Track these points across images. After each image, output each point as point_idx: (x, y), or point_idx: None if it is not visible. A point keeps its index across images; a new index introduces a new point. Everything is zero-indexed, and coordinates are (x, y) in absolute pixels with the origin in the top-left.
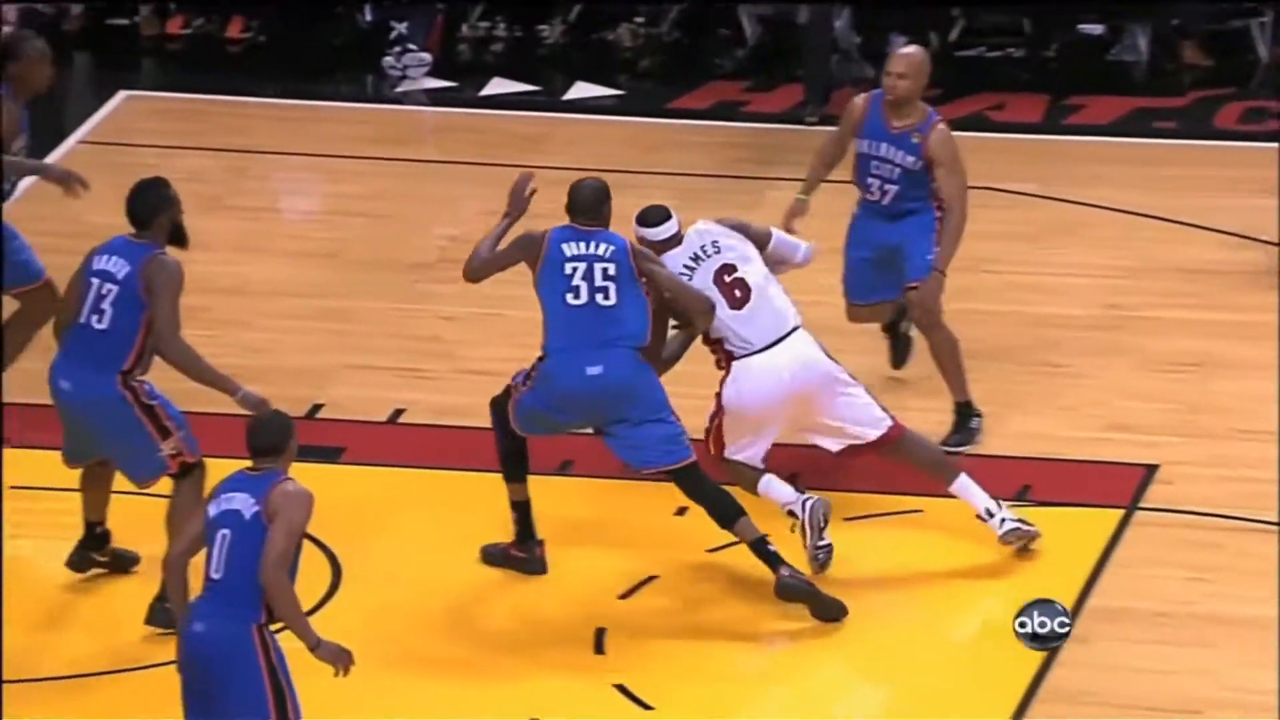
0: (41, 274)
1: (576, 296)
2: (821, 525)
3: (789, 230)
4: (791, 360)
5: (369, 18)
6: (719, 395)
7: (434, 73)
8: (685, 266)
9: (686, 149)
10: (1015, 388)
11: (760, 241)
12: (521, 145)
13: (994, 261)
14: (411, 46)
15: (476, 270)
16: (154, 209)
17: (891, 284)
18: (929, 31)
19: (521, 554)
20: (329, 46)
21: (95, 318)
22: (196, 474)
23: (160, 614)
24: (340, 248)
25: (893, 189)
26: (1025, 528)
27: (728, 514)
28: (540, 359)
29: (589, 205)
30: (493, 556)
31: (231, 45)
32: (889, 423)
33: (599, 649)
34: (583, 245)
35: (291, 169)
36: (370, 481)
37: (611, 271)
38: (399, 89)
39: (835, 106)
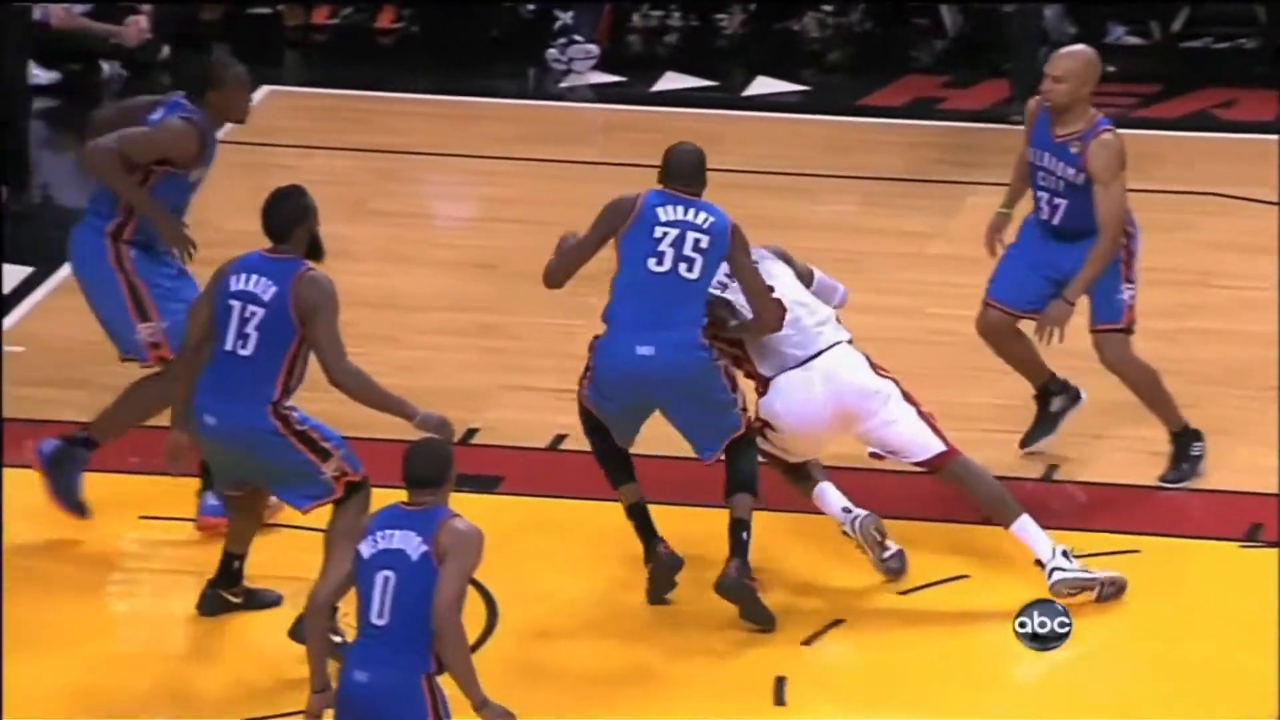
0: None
1: (660, 262)
2: (879, 538)
3: (991, 249)
4: (823, 376)
5: (531, 7)
6: (759, 411)
7: (601, 66)
8: (718, 283)
9: (878, 150)
10: (1242, 415)
11: (801, 279)
12: None
13: (1221, 275)
14: (577, 38)
15: (556, 270)
16: (292, 220)
17: (1040, 298)
18: (1149, 21)
19: (651, 564)
20: (487, 38)
21: (240, 344)
22: (362, 493)
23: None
24: (497, 257)
25: (1060, 204)
26: (1086, 576)
27: (743, 484)
28: (596, 337)
29: (689, 171)
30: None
31: (381, 36)
32: (938, 449)
33: (779, 699)
34: (680, 210)
35: (444, 171)
36: (530, 513)
37: (704, 244)
38: (563, 84)
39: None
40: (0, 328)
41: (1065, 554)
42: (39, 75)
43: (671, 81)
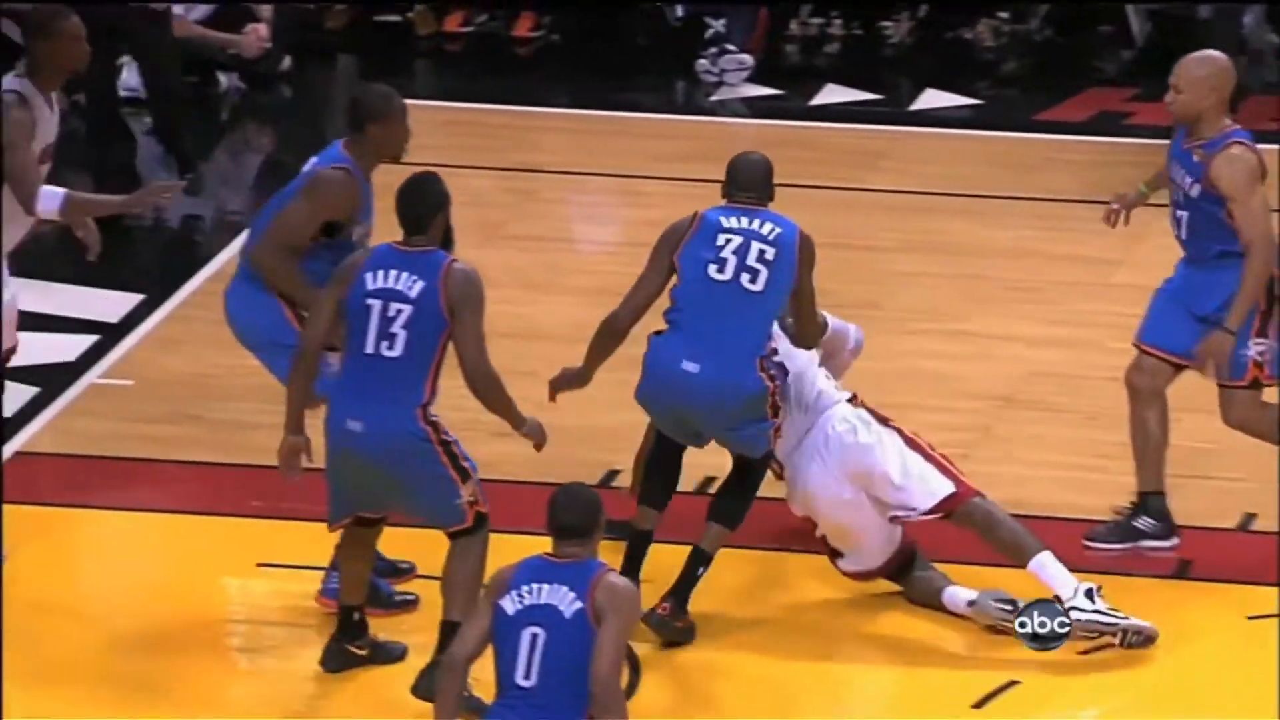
0: None
1: (721, 270)
2: (1009, 608)
3: (1110, 221)
4: (826, 445)
5: (680, 14)
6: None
7: (756, 78)
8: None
9: (1058, 168)
10: None
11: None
12: (858, 164)
13: None
14: (730, 47)
15: (620, 314)
16: (432, 209)
17: (1185, 337)
18: None
19: None
20: (633, 47)
21: (385, 344)
22: (486, 529)
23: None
24: None
25: (1182, 218)
26: (1106, 621)
27: (723, 514)
28: (653, 333)
29: (753, 180)
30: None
31: (519, 46)
32: (945, 493)
33: None
34: (744, 220)
35: (586, 191)
36: (677, 562)
37: (769, 255)
38: (714, 97)
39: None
40: None
41: (1090, 593)
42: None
43: (832, 94)
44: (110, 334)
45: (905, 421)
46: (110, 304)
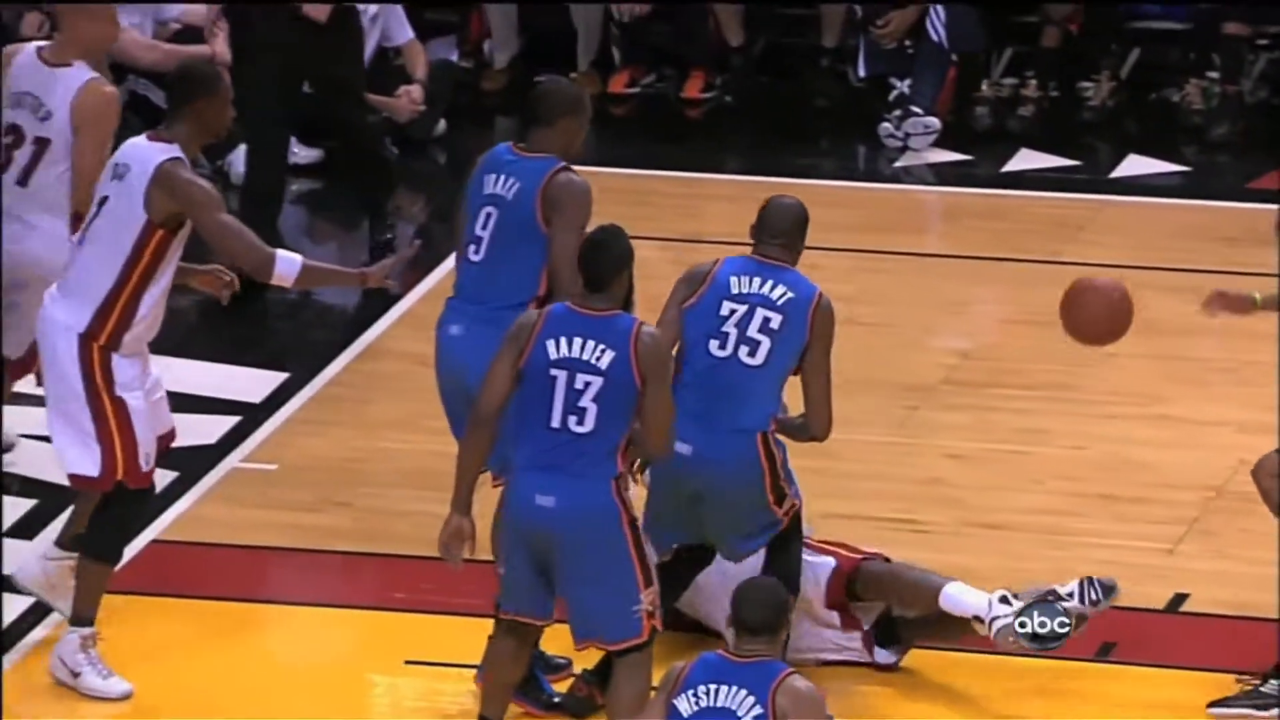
0: None
1: (722, 346)
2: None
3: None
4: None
5: (863, 73)
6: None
7: (942, 142)
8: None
9: (1271, 242)
10: None
11: None
12: (1054, 235)
13: None
14: (916, 109)
15: None
16: (618, 266)
17: None
18: None
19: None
20: (811, 109)
21: (574, 419)
22: (652, 647)
23: None
24: None
25: None
26: (1041, 606)
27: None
28: None
29: (781, 227)
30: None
31: (689, 108)
32: (829, 569)
33: None
34: (755, 282)
35: None
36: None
37: (774, 324)
38: (898, 163)
39: None
40: None
41: (1005, 599)
42: (298, 153)
43: (1026, 160)
44: (252, 415)
45: (1103, 514)
46: (252, 383)
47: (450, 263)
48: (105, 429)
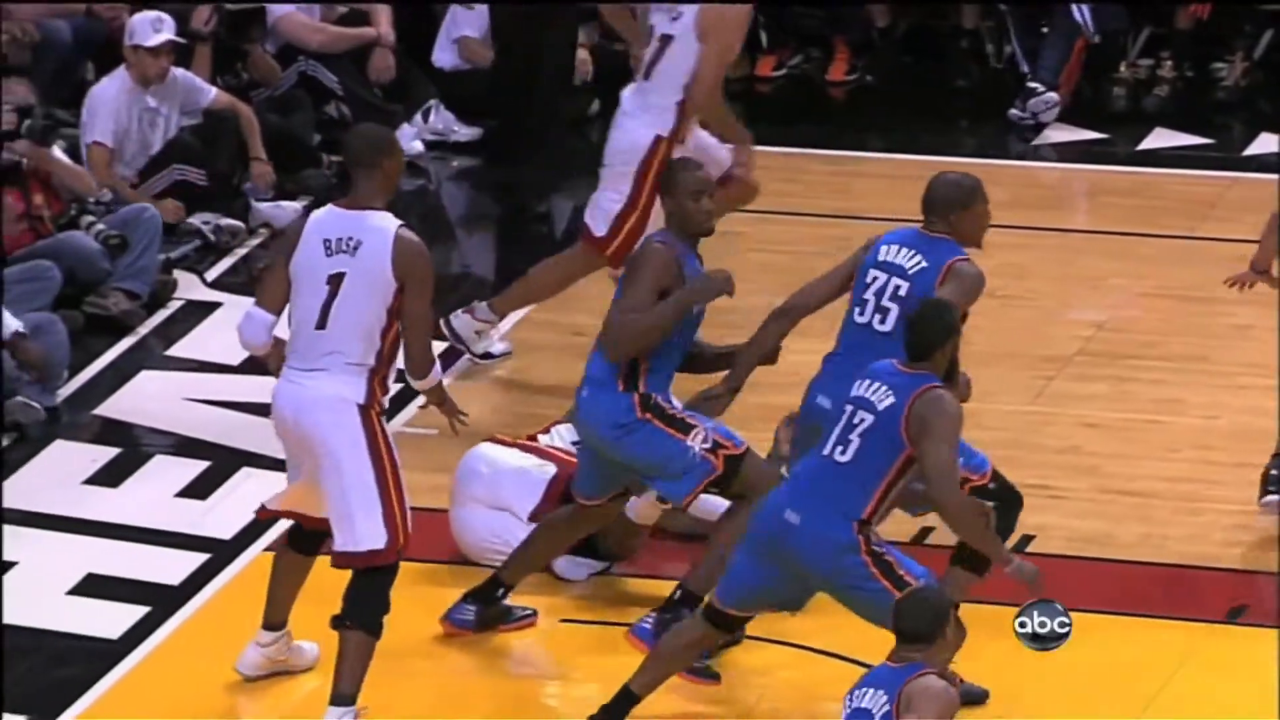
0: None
1: (862, 313)
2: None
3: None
4: None
5: (1009, 49)
6: None
7: (1080, 121)
8: None
9: None
10: None
11: None
12: (1188, 212)
13: None
14: (1036, 87)
15: (796, 303)
16: (941, 337)
17: None
18: None
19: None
20: (952, 89)
21: (839, 449)
22: None
23: None
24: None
25: None
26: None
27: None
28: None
29: (929, 203)
30: None
31: (833, 89)
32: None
33: None
34: (899, 252)
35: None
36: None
37: (902, 292)
38: (1035, 141)
39: None
40: None
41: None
42: (458, 131)
43: (1160, 139)
44: None
45: (1236, 481)
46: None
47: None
48: (388, 499)
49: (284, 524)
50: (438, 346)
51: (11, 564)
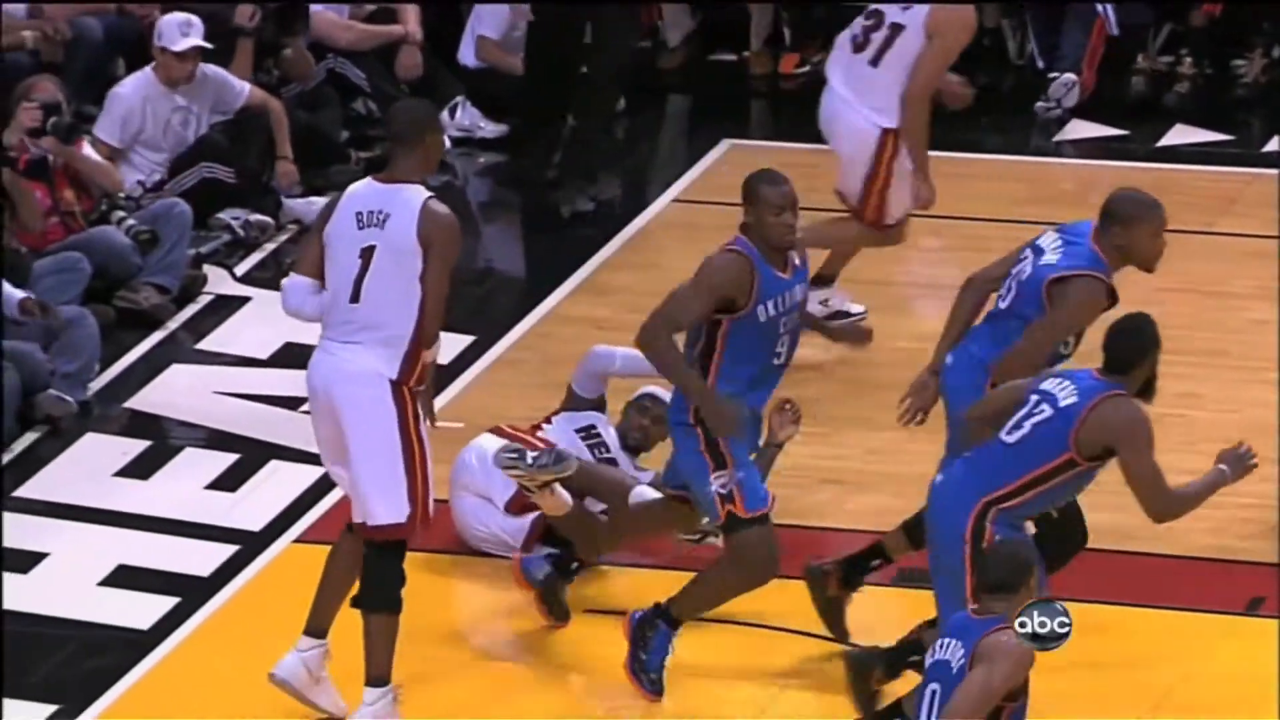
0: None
1: (1002, 298)
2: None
3: None
4: None
5: (1032, 47)
6: None
7: (1100, 118)
8: None
9: None
10: None
11: None
12: (1208, 208)
13: None
14: (1053, 74)
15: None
16: (1141, 353)
17: None
18: None
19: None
20: (973, 85)
21: (1010, 430)
22: None
23: None
24: None
25: None
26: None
27: None
28: None
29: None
30: None
31: None
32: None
33: None
34: (1047, 239)
35: (924, 234)
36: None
37: (1024, 275)
38: (1057, 137)
39: None
40: None
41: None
42: (484, 127)
43: (1180, 135)
44: (441, 375)
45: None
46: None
47: (625, 234)
48: (413, 474)
49: (311, 516)
50: (462, 341)
51: (44, 555)
